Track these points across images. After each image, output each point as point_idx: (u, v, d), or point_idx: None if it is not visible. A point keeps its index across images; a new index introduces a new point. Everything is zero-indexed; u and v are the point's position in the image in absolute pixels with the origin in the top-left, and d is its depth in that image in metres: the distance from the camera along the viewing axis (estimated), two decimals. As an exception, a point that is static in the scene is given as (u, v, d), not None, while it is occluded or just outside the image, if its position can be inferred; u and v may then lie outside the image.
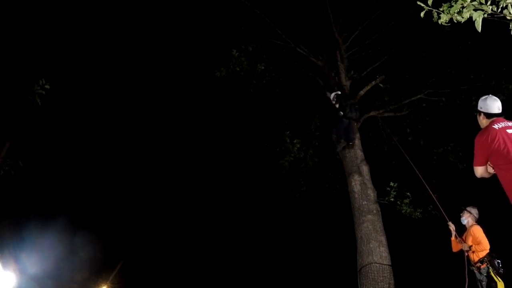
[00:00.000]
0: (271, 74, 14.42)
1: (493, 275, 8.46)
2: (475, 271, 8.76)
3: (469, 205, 9.48)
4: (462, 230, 9.44)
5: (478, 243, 8.78)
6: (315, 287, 19.09)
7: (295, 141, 13.84)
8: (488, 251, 8.70)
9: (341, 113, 11.45)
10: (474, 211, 9.32)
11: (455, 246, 9.45)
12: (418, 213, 12.69)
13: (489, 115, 5.67)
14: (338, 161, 13.87)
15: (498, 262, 8.61)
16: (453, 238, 9.44)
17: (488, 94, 5.90)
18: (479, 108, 5.80)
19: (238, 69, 13.70)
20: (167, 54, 15.76)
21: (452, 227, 9.42)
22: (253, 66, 13.82)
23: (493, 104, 5.71)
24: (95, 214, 19.92)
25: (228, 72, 13.73)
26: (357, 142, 12.45)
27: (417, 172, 10.40)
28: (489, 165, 5.44)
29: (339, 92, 11.84)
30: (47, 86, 9.91)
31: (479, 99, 5.92)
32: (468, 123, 11.40)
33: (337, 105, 11.61)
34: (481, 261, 8.67)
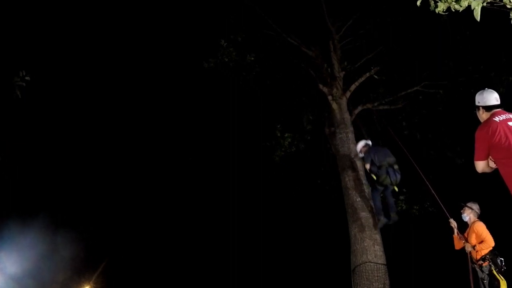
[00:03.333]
0: (261, 65, 14.38)
1: (495, 273, 8.52)
2: (477, 269, 8.78)
3: (468, 201, 9.51)
4: (463, 227, 9.47)
5: (482, 240, 8.80)
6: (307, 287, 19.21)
7: (286, 135, 13.89)
8: (491, 248, 8.73)
9: (374, 177, 10.75)
10: (475, 207, 9.36)
11: (458, 243, 9.47)
12: (415, 210, 12.95)
13: (488, 108, 5.73)
14: (331, 156, 13.91)
15: (500, 260, 8.65)
16: (455, 235, 9.46)
17: (487, 86, 5.99)
18: (477, 103, 5.88)
19: (226, 60, 13.61)
20: (154, 45, 15.72)
21: (453, 224, 9.46)
22: (242, 57, 13.73)
23: (491, 96, 5.79)
24: (77, 212, 19.90)
25: (217, 63, 13.65)
26: (351, 136, 12.49)
27: (416, 166, 10.48)
28: (490, 159, 5.48)
29: (370, 142, 11.42)
30: (27, 78, 9.77)
31: (477, 92, 5.97)
32: (466, 116, 11.24)
33: (367, 165, 10.89)
34: (483, 258, 8.71)
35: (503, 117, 5.42)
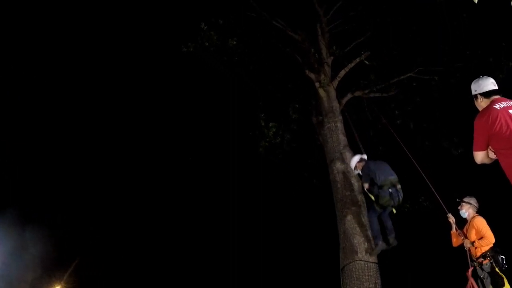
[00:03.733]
0: (243, 50, 14.05)
1: (498, 271, 8.34)
2: (477, 267, 8.58)
3: (465, 196, 9.33)
4: (462, 222, 9.32)
5: (482, 237, 8.61)
6: (293, 287, 18.90)
7: (270, 124, 13.53)
8: (492, 245, 8.55)
9: (372, 197, 10.13)
10: (473, 201, 9.17)
11: (456, 240, 9.25)
12: (408, 205, 12.77)
13: (486, 94, 5.66)
14: (318, 147, 13.67)
15: (502, 258, 8.47)
16: (453, 231, 9.28)
17: (486, 72, 6.36)
18: (474, 92, 5.81)
19: (207, 44, 13.30)
20: (131, 28, 15.62)
21: (452, 219, 9.27)
22: (223, 41, 13.41)
23: (487, 81, 5.74)
24: (47, 207, 19.54)
25: (196, 47, 13.33)
26: (340, 125, 12.24)
27: (410, 157, 10.31)
28: (490, 149, 5.37)
29: (365, 156, 10.80)
30: None
31: (474, 79, 5.90)
32: (463, 104, 10.94)
33: (366, 184, 10.20)
34: (484, 256, 8.50)
35: (503, 104, 5.31)
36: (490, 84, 5.70)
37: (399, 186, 9.79)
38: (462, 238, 8.94)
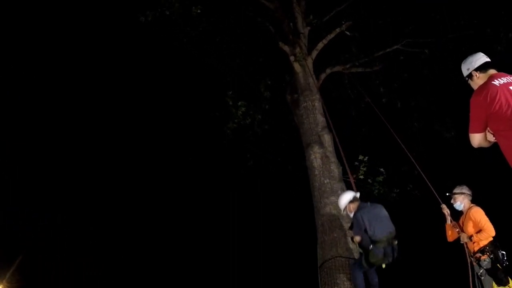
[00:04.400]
0: (209, 19, 13.56)
1: (500, 267, 7.85)
2: (474, 263, 8.15)
3: (455, 186, 8.73)
4: (457, 213, 8.79)
5: (481, 230, 8.09)
6: (265, 286, 18.69)
7: (239, 103, 13.09)
8: (492, 238, 8.03)
9: (360, 250, 8.80)
10: (466, 189, 8.60)
11: (451, 234, 8.69)
12: (394, 194, 12.37)
13: (483, 67, 5.33)
14: (293, 129, 13.16)
15: (502, 254, 7.96)
16: (448, 224, 8.73)
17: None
18: (466, 72, 5.49)
19: (168, 13, 12.84)
20: None
21: (446, 210, 8.66)
22: (186, 10, 12.96)
23: (477, 56, 5.46)
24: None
25: (156, 16, 12.83)
26: (318, 104, 11.75)
27: (398, 140, 9.79)
28: (488, 131, 5.06)
29: (358, 195, 9.18)
30: None
31: (470, 53, 5.60)
32: (457, 80, 10.61)
33: (357, 237, 8.57)
34: (482, 251, 7.99)
35: (503, 80, 4.96)
36: (482, 57, 5.39)
37: (396, 242, 8.50)
38: (458, 231, 8.39)
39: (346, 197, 8.87)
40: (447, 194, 8.70)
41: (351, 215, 8.58)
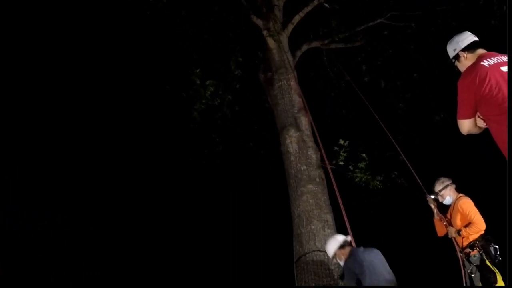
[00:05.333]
0: None
1: (489, 264, 7.69)
2: (464, 259, 8.07)
3: (435, 183, 8.64)
4: (444, 207, 8.73)
5: (470, 223, 7.94)
6: (234, 283, 18.30)
7: (207, 82, 12.73)
8: (482, 232, 7.91)
9: None
10: (448, 180, 8.53)
11: (441, 228, 8.52)
12: (378, 182, 11.97)
13: (470, 47, 5.22)
14: (267, 111, 13.00)
15: (494, 248, 7.82)
16: (436, 219, 8.58)
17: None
18: (453, 54, 5.35)
19: None
20: None
21: (432, 203, 8.56)
22: None
23: (464, 35, 5.35)
24: None
25: None
26: (294, 84, 11.44)
27: (380, 123, 9.77)
28: (478, 116, 4.94)
29: (349, 238, 8.22)
30: None
31: (460, 28, 5.57)
32: (446, 57, 10.20)
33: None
34: (472, 246, 7.89)
35: (493, 60, 4.81)
36: (469, 36, 5.27)
37: None
38: (445, 224, 8.31)
39: (335, 243, 8.01)
40: (432, 196, 8.56)
41: (341, 263, 7.80)
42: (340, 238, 7.95)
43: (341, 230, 9.76)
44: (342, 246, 7.78)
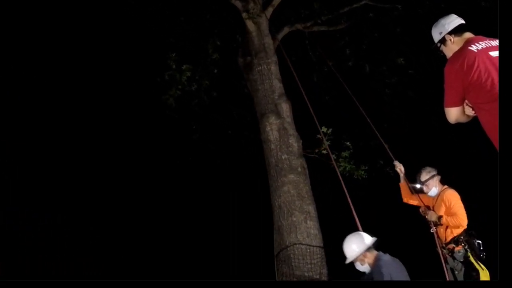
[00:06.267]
0: None
1: (473, 261, 7.65)
2: (447, 255, 7.93)
3: (421, 172, 8.55)
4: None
5: (453, 214, 7.87)
6: (213, 275, 17.77)
7: (184, 67, 12.36)
8: (465, 227, 7.86)
9: None
10: (434, 170, 8.48)
11: (406, 193, 8.69)
12: (363, 172, 12.03)
13: (457, 30, 5.15)
14: (246, 97, 12.91)
15: (478, 243, 7.84)
16: (402, 183, 8.73)
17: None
18: (438, 37, 5.28)
19: None
20: None
21: (400, 167, 8.71)
22: None
23: (450, 17, 5.28)
24: None
25: None
26: (274, 68, 11.37)
27: (363, 111, 9.60)
28: (467, 104, 4.87)
29: (372, 240, 7.38)
30: None
31: (449, 10, 5.77)
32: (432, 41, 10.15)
33: None
34: (456, 240, 7.82)
35: (482, 45, 4.76)
36: (456, 19, 5.20)
37: None
38: (423, 209, 8.23)
39: (362, 244, 7.10)
40: (418, 186, 8.51)
41: (362, 268, 7.12)
42: (368, 238, 7.13)
43: (323, 222, 9.92)
44: (369, 249, 7.05)
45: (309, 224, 9.51)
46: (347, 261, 7.13)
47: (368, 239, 7.06)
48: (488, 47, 4.69)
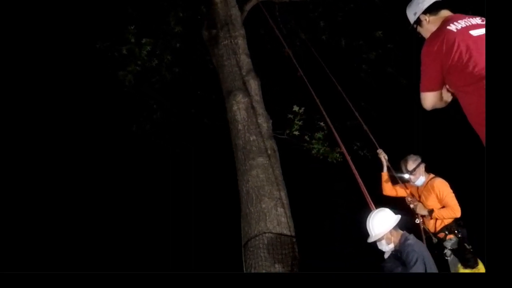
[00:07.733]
0: None
1: (467, 246, 7.96)
2: (434, 242, 8.19)
3: (407, 159, 8.65)
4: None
5: (445, 205, 8.05)
6: (175, 268, 17.53)
7: (143, 40, 12.22)
8: (459, 217, 8.05)
9: None
10: (419, 158, 8.60)
11: (387, 185, 8.77)
12: (337, 155, 11.93)
13: (432, 8, 5.01)
14: (212, 73, 12.52)
15: (466, 232, 8.14)
16: (384, 172, 8.74)
17: None
18: (413, 18, 5.17)
19: None
20: None
21: (383, 155, 8.70)
22: None
23: None
24: None
25: None
26: (242, 42, 11.05)
27: (339, 88, 9.56)
28: (445, 88, 4.83)
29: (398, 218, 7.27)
30: None
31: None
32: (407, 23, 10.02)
33: None
34: (448, 228, 8.03)
35: (461, 23, 4.66)
36: None
37: None
38: (410, 200, 8.39)
39: (390, 220, 7.05)
40: (406, 176, 8.51)
41: (387, 247, 7.18)
42: (394, 216, 7.09)
43: (295, 209, 9.60)
44: (395, 227, 7.03)
45: (280, 211, 9.18)
46: (371, 240, 7.09)
47: (394, 217, 7.06)
48: (468, 26, 4.61)
